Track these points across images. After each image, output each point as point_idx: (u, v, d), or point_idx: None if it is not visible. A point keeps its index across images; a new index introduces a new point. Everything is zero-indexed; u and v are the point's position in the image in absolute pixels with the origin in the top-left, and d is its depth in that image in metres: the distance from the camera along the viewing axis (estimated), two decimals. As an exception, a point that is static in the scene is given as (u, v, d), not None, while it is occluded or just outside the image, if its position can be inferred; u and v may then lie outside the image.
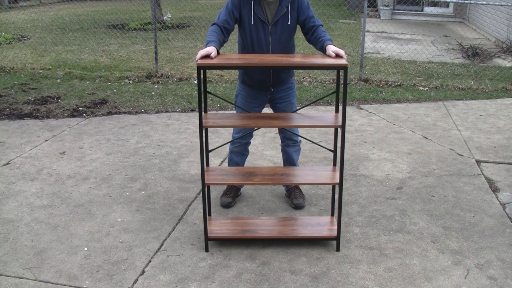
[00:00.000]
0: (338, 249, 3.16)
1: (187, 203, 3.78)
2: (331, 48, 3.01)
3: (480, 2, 8.19)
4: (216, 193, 3.89)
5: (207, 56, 2.92)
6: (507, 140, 5.06)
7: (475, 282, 2.87)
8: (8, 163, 4.45)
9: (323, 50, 3.10)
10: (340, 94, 3.15)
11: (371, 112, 5.95)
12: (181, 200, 3.82)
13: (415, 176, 4.24)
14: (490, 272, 2.95)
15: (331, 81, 7.36)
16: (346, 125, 3.59)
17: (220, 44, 3.08)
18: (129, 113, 5.92)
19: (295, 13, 3.22)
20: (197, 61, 2.87)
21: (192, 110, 6.02)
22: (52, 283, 2.85)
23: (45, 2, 18.70)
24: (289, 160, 3.75)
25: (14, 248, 3.17)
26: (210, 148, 3.91)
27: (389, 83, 7.25)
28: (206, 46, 3.02)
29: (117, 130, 5.31)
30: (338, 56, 2.98)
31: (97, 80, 7.37)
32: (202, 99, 3.03)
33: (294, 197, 3.73)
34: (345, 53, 3.03)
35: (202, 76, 2.97)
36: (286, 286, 2.83)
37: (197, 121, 5.50)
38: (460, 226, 3.46)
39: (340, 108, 3.00)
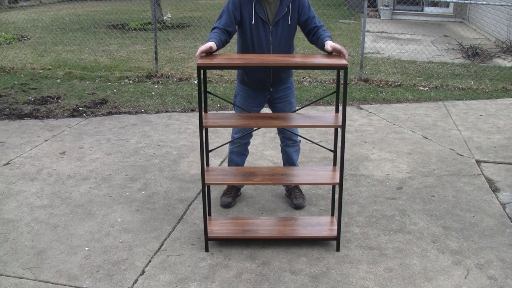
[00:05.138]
0: (338, 249, 3.16)
1: (187, 203, 3.78)
2: (329, 43, 3.01)
3: (480, 2, 8.19)
4: (216, 193, 3.89)
5: (210, 53, 2.92)
6: (507, 140, 5.06)
7: (475, 282, 2.87)
8: (8, 163, 4.45)
9: (322, 47, 3.09)
10: (340, 94, 3.15)
11: (371, 112, 5.95)
12: (181, 200, 3.82)
13: (415, 176, 4.24)
14: (490, 272, 2.95)
15: (331, 81, 7.36)
16: (346, 125, 3.59)
17: (220, 41, 3.06)
18: (129, 113, 5.92)
19: (296, 13, 3.22)
20: (197, 55, 2.86)
21: (192, 110, 6.02)
22: (52, 283, 2.85)
23: (45, 2, 18.70)
24: (289, 160, 3.75)
25: (14, 248, 3.17)
26: (210, 148, 3.91)
27: (389, 83, 7.25)
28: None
29: (117, 130, 5.31)
30: (336, 50, 2.98)
31: (97, 80, 7.37)
32: (202, 99, 3.03)
33: (294, 197, 3.73)
34: (345, 50, 3.03)
35: (202, 76, 2.97)
36: (286, 286, 2.83)
37: (197, 121, 5.50)
38: (460, 226, 3.46)
39: (340, 108, 3.00)
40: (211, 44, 2.95)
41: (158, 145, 4.90)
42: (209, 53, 2.98)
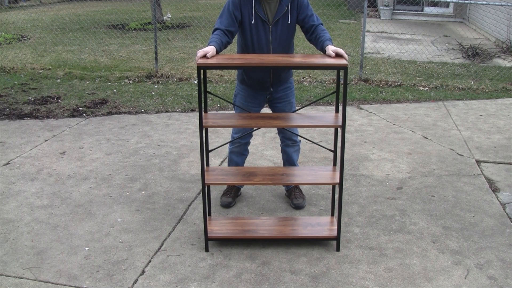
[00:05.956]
0: (338, 249, 3.16)
1: (187, 203, 3.78)
2: (331, 48, 3.02)
3: (480, 2, 8.19)
4: (216, 193, 3.89)
5: (205, 56, 2.92)
6: (507, 140, 5.06)
7: (475, 282, 2.87)
8: (8, 163, 4.45)
9: (323, 51, 3.11)
10: (340, 94, 3.15)
11: (371, 112, 5.95)
12: (181, 200, 3.82)
13: (415, 176, 4.24)
14: (490, 272, 2.95)
15: (331, 81, 7.36)
16: (346, 125, 3.59)
17: (221, 44, 3.07)
18: (129, 113, 5.92)
19: (295, 12, 3.22)
20: (197, 61, 2.88)
21: (192, 110, 6.02)
22: (52, 283, 2.85)
23: (45, 2, 18.70)
24: (289, 160, 3.75)
25: (14, 248, 3.17)
26: (210, 148, 3.91)
27: (389, 83, 7.25)
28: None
29: (117, 130, 5.31)
30: (338, 55, 2.98)
31: (97, 80, 7.37)
32: (202, 99, 3.03)
33: (294, 197, 3.73)
34: (345, 53, 3.03)
35: (202, 76, 2.97)
36: (286, 286, 2.83)
37: (197, 121, 5.50)
38: (460, 226, 3.46)
39: (340, 108, 3.00)
40: (210, 49, 2.94)
41: (158, 145, 4.90)
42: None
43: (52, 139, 5.03)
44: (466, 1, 8.72)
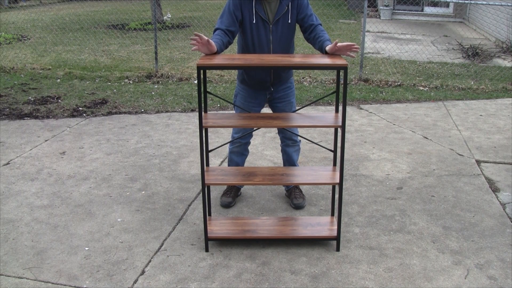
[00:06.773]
0: (338, 249, 3.16)
1: (187, 203, 3.78)
2: (329, 48, 3.04)
3: (480, 2, 8.19)
4: (216, 193, 3.89)
5: (202, 40, 2.92)
6: (507, 140, 5.06)
7: (475, 282, 2.87)
8: (8, 163, 4.45)
9: (322, 50, 3.12)
10: (340, 94, 3.16)
11: (371, 112, 5.95)
12: (181, 200, 3.82)
13: (415, 176, 4.24)
14: (490, 272, 2.95)
15: (331, 81, 7.36)
16: (346, 125, 3.59)
17: (222, 44, 3.07)
18: (129, 113, 5.92)
19: (295, 11, 3.23)
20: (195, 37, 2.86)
21: (192, 110, 6.02)
22: (52, 283, 2.85)
23: (45, 2, 18.70)
24: (289, 160, 3.75)
25: (14, 248, 3.17)
26: (210, 148, 3.91)
27: (389, 83, 7.25)
28: None
29: (117, 130, 5.31)
30: (336, 55, 3.01)
31: (97, 80, 7.37)
32: (202, 99, 3.03)
33: (294, 197, 3.73)
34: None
35: (202, 76, 2.97)
36: (286, 286, 2.83)
37: (197, 121, 5.50)
38: (460, 226, 3.46)
39: (340, 108, 3.00)
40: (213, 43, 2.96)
41: (158, 145, 4.90)
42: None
43: (52, 139, 5.03)
44: (466, 1, 8.72)
